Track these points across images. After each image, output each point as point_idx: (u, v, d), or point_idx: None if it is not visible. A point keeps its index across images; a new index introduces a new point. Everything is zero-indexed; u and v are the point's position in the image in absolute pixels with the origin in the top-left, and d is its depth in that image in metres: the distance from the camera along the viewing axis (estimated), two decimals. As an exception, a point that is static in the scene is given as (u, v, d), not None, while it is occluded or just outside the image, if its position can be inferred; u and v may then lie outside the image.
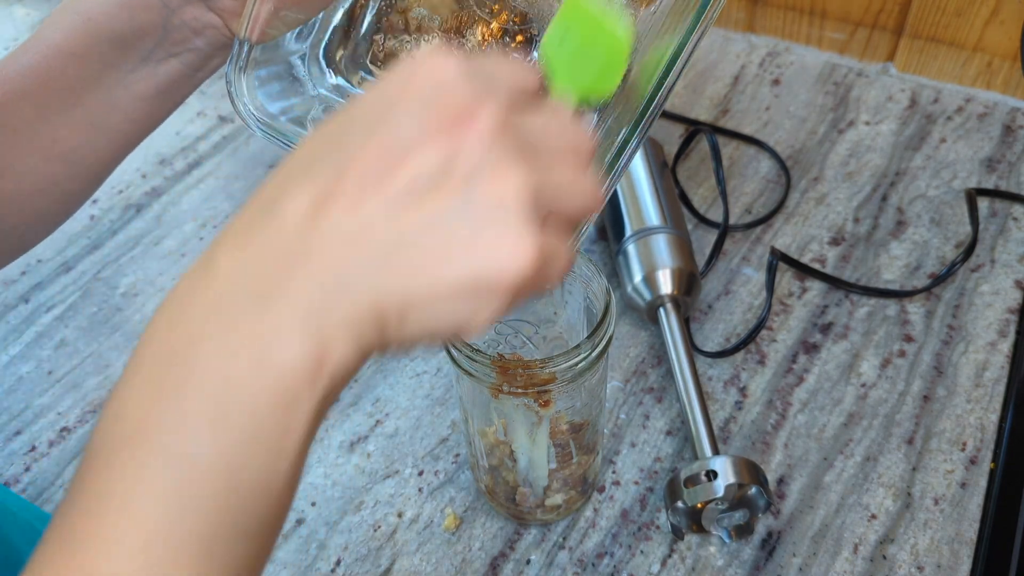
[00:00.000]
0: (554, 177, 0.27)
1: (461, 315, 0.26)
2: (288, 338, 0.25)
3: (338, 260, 0.26)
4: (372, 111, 0.27)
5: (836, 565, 0.51)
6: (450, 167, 0.25)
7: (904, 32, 0.81)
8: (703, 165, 0.75)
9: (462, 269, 0.25)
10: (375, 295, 0.26)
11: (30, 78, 0.41)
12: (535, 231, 0.26)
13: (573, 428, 0.49)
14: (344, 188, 0.26)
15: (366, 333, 0.26)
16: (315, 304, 0.25)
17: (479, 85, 0.26)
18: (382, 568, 0.52)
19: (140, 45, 0.42)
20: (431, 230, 0.25)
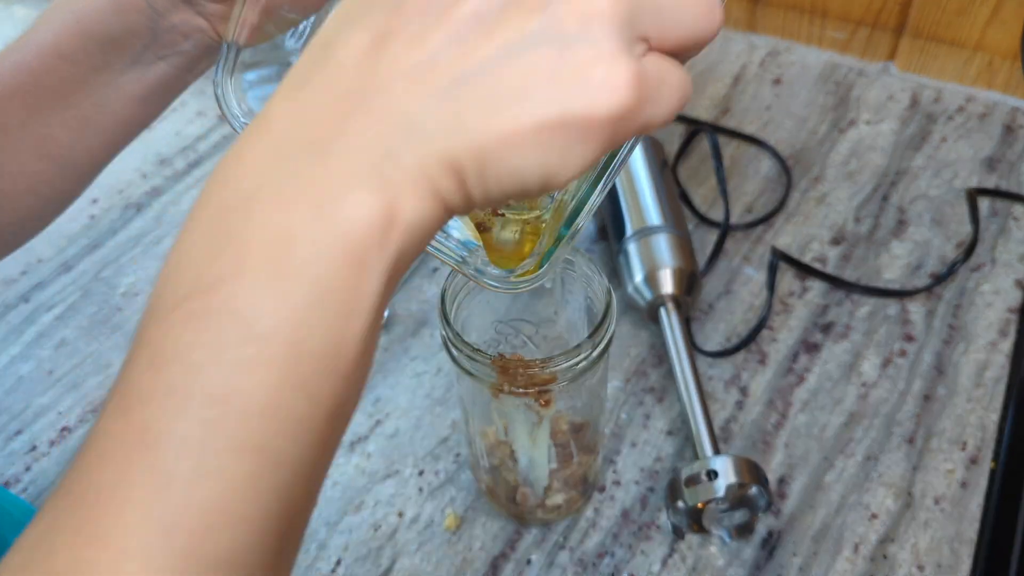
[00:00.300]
0: (659, 3, 0.23)
1: (550, 160, 0.23)
2: (352, 188, 0.23)
3: (402, 100, 0.23)
4: None
5: (837, 565, 0.51)
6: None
7: (905, 31, 0.81)
8: (704, 164, 0.75)
9: (546, 104, 0.22)
10: (447, 140, 0.23)
11: (20, 77, 0.41)
12: (633, 54, 0.22)
13: (574, 428, 0.49)
14: (405, 21, 0.23)
15: (442, 184, 0.23)
16: (379, 150, 0.23)
17: None
18: (382, 568, 0.52)
19: (129, 47, 0.42)
20: (506, 61, 0.22)
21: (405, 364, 0.62)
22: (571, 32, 0.22)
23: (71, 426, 0.60)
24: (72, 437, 0.60)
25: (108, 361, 0.64)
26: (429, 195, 0.23)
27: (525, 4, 0.22)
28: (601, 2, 0.22)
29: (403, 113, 0.23)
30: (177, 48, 0.43)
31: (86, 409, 0.61)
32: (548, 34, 0.22)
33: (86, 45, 0.41)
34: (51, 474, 0.58)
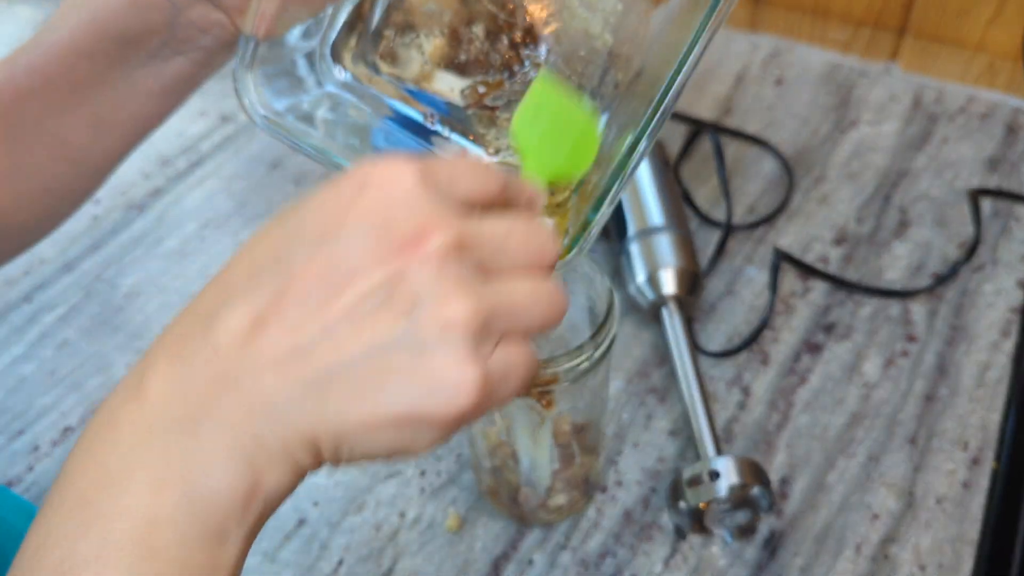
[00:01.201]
0: (510, 296, 0.26)
1: (398, 444, 0.26)
2: (218, 468, 0.25)
3: (271, 386, 0.25)
4: (319, 223, 0.26)
5: (838, 565, 0.51)
6: (395, 293, 0.24)
7: (907, 32, 0.81)
8: (706, 165, 0.75)
9: (399, 401, 0.25)
10: (308, 423, 0.25)
11: (37, 76, 0.41)
12: (480, 361, 0.25)
13: (576, 428, 0.49)
14: (283, 308, 0.25)
15: (300, 459, 0.26)
16: (246, 432, 0.25)
17: (432, 201, 0.25)
18: (384, 568, 0.52)
19: (147, 43, 0.42)
20: (369, 358, 0.25)
21: (407, 364, 0.62)
22: (430, 338, 0.24)
23: (73, 426, 0.60)
24: (74, 437, 0.60)
25: (110, 361, 0.64)
26: (289, 467, 0.26)
27: (394, 308, 0.24)
28: (459, 314, 0.24)
29: (270, 400, 0.25)
30: (195, 43, 0.42)
31: (88, 409, 0.61)
32: (410, 338, 0.24)
33: (102, 42, 0.41)
34: (53, 474, 0.58)
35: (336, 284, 0.25)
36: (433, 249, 0.25)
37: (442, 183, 0.26)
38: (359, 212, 0.25)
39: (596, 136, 0.35)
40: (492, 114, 0.41)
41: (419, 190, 0.25)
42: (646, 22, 0.38)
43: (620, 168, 0.36)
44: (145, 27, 0.41)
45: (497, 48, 0.40)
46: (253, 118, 0.39)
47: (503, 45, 0.40)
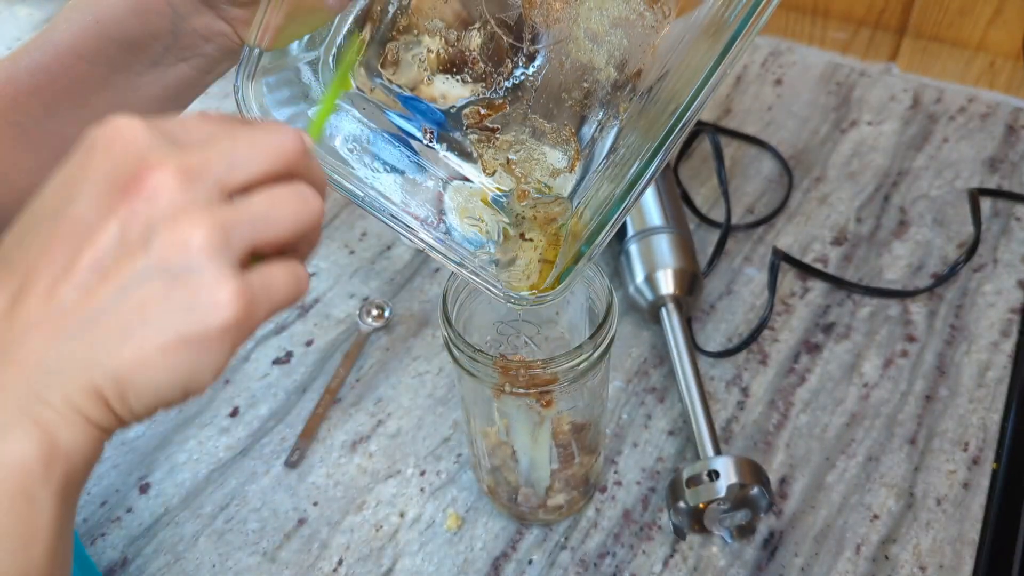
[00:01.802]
0: (251, 207, 0.27)
1: (181, 374, 0.26)
2: (8, 433, 0.25)
3: (39, 349, 0.26)
4: (56, 196, 0.27)
5: (838, 565, 0.51)
6: (130, 233, 0.26)
7: (907, 32, 0.81)
8: (705, 165, 0.75)
9: (163, 330, 0.26)
10: (84, 373, 0.26)
11: (39, 77, 0.41)
12: (231, 271, 0.26)
13: (575, 428, 0.49)
14: (36, 280, 0.26)
15: (91, 411, 0.26)
16: (29, 395, 0.26)
17: (153, 143, 0.26)
18: (384, 568, 0.52)
19: (149, 49, 0.42)
20: (124, 298, 0.26)
21: (407, 364, 0.62)
22: (174, 263, 0.26)
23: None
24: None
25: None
26: (81, 423, 0.26)
27: (133, 247, 0.26)
28: (194, 233, 0.25)
29: (41, 359, 0.26)
30: (198, 51, 0.42)
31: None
32: (155, 268, 0.26)
33: (105, 46, 0.41)
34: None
35: (77, 244, 0.26)
36: (156, 182, 0.26)
37: (171, 130, 0.27)
38: (87, 171, 0.26)
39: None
40: (491, 135, 0.41)
41: (141, 137, 0.26)
42: (652, 60, 0.38)
43: (614, 209, 0.36)
44: (148, 33, 0.41)
45: (499, 71, 0.40)
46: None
47: (505, 69, 0.40)
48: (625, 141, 0.39)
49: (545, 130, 0.40)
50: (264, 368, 0.62)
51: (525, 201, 0.41)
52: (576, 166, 0.40)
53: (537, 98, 0.40)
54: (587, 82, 0.39)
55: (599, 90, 0.39)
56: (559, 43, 0.39)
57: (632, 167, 0.36)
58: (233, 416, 0.60)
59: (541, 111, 0.40)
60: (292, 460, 0.57)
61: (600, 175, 0.40)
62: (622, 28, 0.38)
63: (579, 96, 0.39)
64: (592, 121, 0.40)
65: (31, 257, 0.26)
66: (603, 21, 0.38)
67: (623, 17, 0.37)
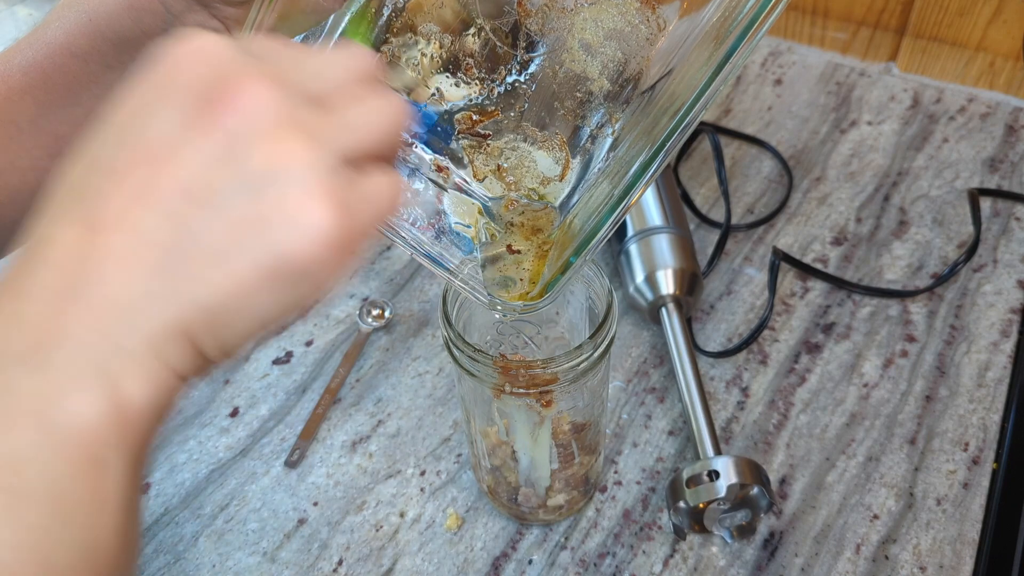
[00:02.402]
0: (341, 117, 0.25)
1: (279, 302, 0.24)
2: (75, 391, 0.22)
3: (119, 287, 0.23)
4: (132, 114, 0.24)
5: (838, 565, 0.51)
6: (218, 149, 0.23)
7: (907, 32, 0.81)
8: (705, 165, 0.75)
9: (257, 253, 0.23)
10: (172, 310, 0.23)
11: (32, 75, 0.41)
12: (327, 186, 0.23)
13: (575, 428, 0.49)
14: (111, 208, 0.23)
15: (174, 356, 0.24)
16: (101, 344, 0.23)
17: (236, 55, 0.24)
18: (384, 568, 0.52)
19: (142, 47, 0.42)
20: (215, 221, 0.23)
21: (407, 364, 0.62)
22: (267, 179, 0.23)
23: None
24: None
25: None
26: (161, 371, 0.23)
27: (222, 164, 0.23)
28: (287, 145, 0.23)
29: (121, 299, 0.23)
30: None
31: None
32: (247, 186, 0.23)
33: (99, 44, 0.41)
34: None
35: (158, 165, 0.23)
36: (245, 94, 0.23)
37: (249, 46, 0.26)
38: (168, 87, 0.24)
39: None
40: (482, 141, 0.41)
41: (225, 51, 0.24)
42: (647, 71, 0.38)
43: (603, 219, 0.36)
44: (141, 31, 0.41)
45: (493, 77, 0.40)
46: None
47: (498, 75, 0.40)
48: (619, 151, 0.39)
49: (537, 138, 0.40)
50: (264, 368, 0.62)
51: (513, 207, 0.41)
52: (567, 175, 0.40)
53: (530, 106, 0.40)
54: (580, 92, 0.39)
55: (592, 100, 0.39)
56: (553, 52, 0.39)
57: (630, 171, 0.36)
58: (233, 416, 0.60)
59: (534, 119, 0.40)
60: (292, 460, 0.57)
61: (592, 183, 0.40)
62: (616, 40, 0.38)
63: (572, 105, 0.39)
64: (584, 131, 0.40)
65: (105, 183, 0.23)
66: (598, 32, 0.38)
67: (618, 29, 0.37)
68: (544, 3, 0.38)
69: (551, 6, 0.38)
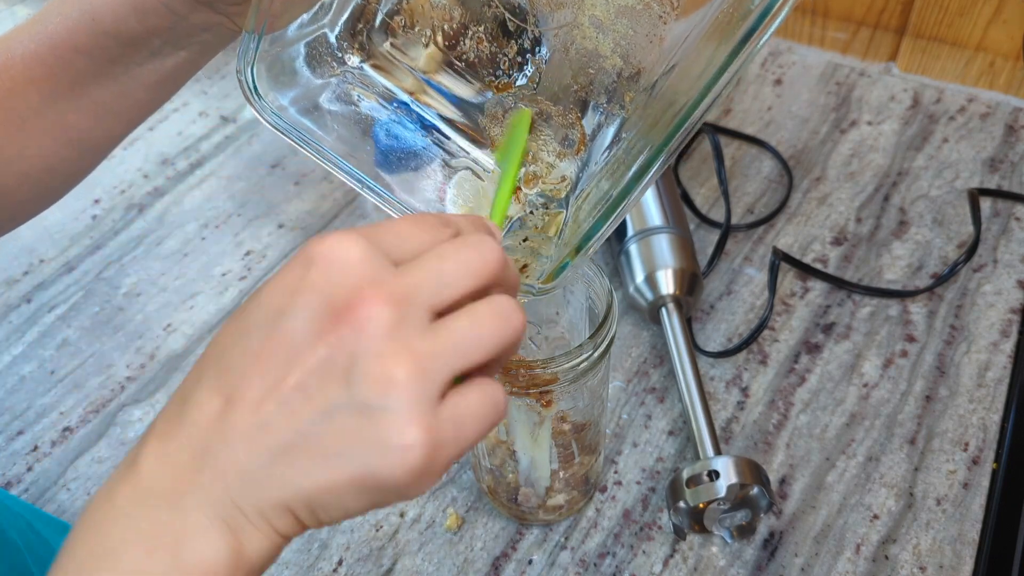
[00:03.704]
0: (454, 333, 0.27)
1: (367, 504, 0.27)
2: (203, 534, 0.26)
3: (242, 458, 0.26)
4: (273, 305, 0.27)
5: (838, 565, 0.51)
6: (336, 361, 0.26)
7: (906, 32, 0.81)
8: (705, 165, 0.75)
9: (353, 464, 0.26)
10: (279, 490, 0.26)
11: (36, 67, 0.41)
12: (423, 416, 0.25)
13: (575, 428, 0.49)
14: (246, 387, 0.26)
15: (279, 523, 0.27)
16: (225, 501, 0.26)
17: (370, 266, 0.26)
18: (384, 568, 0.52)
19: (147, 44, 0.42)
20: (323, 425, 0.26)
21: (407, 364, 0.62)
22: (373, 399, 0.25)
23: (73, 426, 0.60)
24: (74, 438, 0.60)
25: (110, 361, 0.64)
26: (269, 531, 0.27)
27: (336, 375, 0.26)
28: (395, 370, 0.25)
29: (242, 470, 0.26)
30: (196, 39, 0.43)
31: (88, 409, 0.61)
32: (354, 401, 0.26)
33: (103, 41, 0.41)
34: (53, 474, 0.58)
35: (287, 361, 0.26)
36: (367, 314, 0.26)
37: (388, 244, 0.28)
38: (305, 288, 0.27)
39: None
40: (500, 114, 0.41)
41: (360, 259, 0.26)
42: (659, 52, 0.38)
43: (612, 208, 0.36)
44: (146, 29, 0.41)
45: (502, 53, 0.40)
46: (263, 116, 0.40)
47: (509, 52, 0.40)
48: (627, 135, 0.39)
49: (551, 112, 0.40)
50: (264, 368, 0.62)
51: (533, 188, 0.41)
52: (582, 150, 0.40)
53: (543, 81, 0.40)
54: (593, 69, 0.39)
55: (605, 78, 0.39)
56: (564, 28, 0.39)
57: (632, 167, 0.36)
58: (233, 416, 0.60)
59: (547, 94, 0.40)
60: (292, 460, 0.57)
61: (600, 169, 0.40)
62: (628, 18, 0.37)
63: (584, 82, 0.39)
64: (598, 108, 0.40)
65: (244, 365, 0.27)
66: (608, 9, 0.37)
67: (628, 6, 0.37)
68: None
69: None
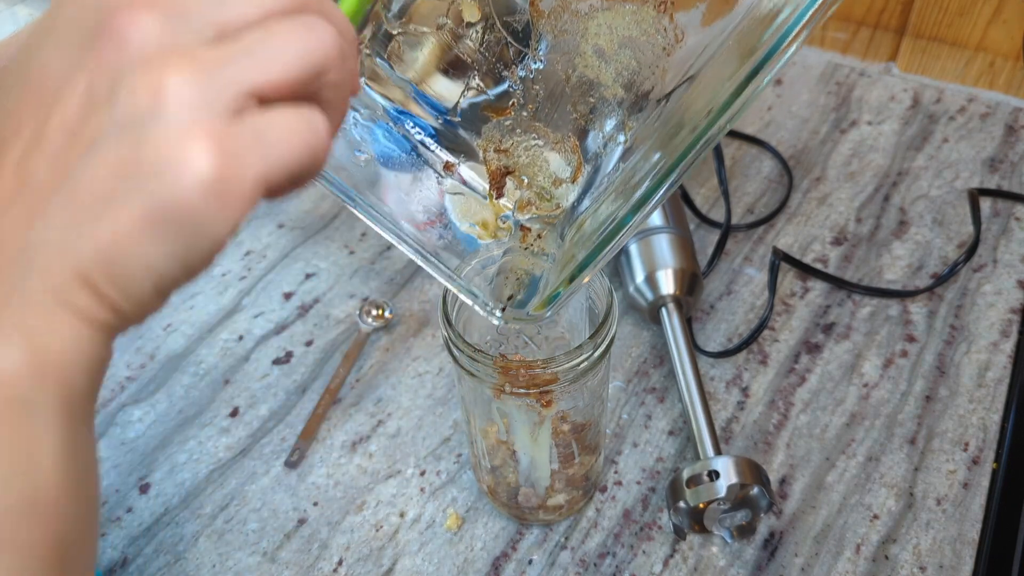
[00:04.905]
0: (244, 47, 0.22)
1: (171, 247, 0.22)
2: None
3: (15, 234, 0.22)
4: (26, 53, 0.23)
5: (838, 565, 0.51)
6: (98, 86, 0.21)
7: (906, 32, 0.81)
8: (705, 165, 0.75)
9: (137, 200, 0.21)
10: (67, 259, 0.22)
11: None
12: (208, 126, 0.21)
13: (575, 428, 0.49)
14: (5, 151, 0.23)
15: (82, 302, 0.22)
16: (8, 293, 0.22)
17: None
18: (384, 568, 0.52)
19: None
20: (93, 164, 0.21)
21: (407, 364, 0.62)
22: (144, 114, 0.21)
23: (73, 426, 0.60)
24: (74, 437, 0.60)
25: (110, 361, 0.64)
26: (72, 319, 0.22)
27: (98, 101, 0.21)
28: (167, 80, 0.21)
29: (18, 249, 0.22)
30: None
31: (88, 409, 0.61)
32: (125, 124, 0.21)
33: None
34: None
35: (46, 105, 0.22)
36: (128, 24, 0.21)
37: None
38: (56, 22, 0.23)
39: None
40: (498, 138, 0.41)
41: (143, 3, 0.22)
42: (664, 81, 0.37)
43: (615, 231, 0.35)
44: None
45: (505, 75, 0.40)
46: None
47: (511, 73, 0.40)
48: (625, 164, 0.39)
49: (550, 138, 0.40)
50: (264, 368, 0.62)
51: (527, 214, 0.41)
52: (579, 177, 0.40)
53: (542, 107, 0.40)
54: (593, 97, 0.39)
55: (605, 107, 0.39)
56: (566, 55, 0.38)
57: (631, 198, 0.35)
58: (233, 416, 0.60)
59: (546, 120, 0.40)
60: (292, 460, 0.57)
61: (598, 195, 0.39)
62: (631, 48, 0.37)
63: (584, 110, 0.39)
64: (597, 137, 0.39)
65: (4, 128, 0.23)
66: (612, 39, 0.37)
67: (633, 37, 0.37)
68: (557, 4, 0.37)
69: (564, 7, 0.38)
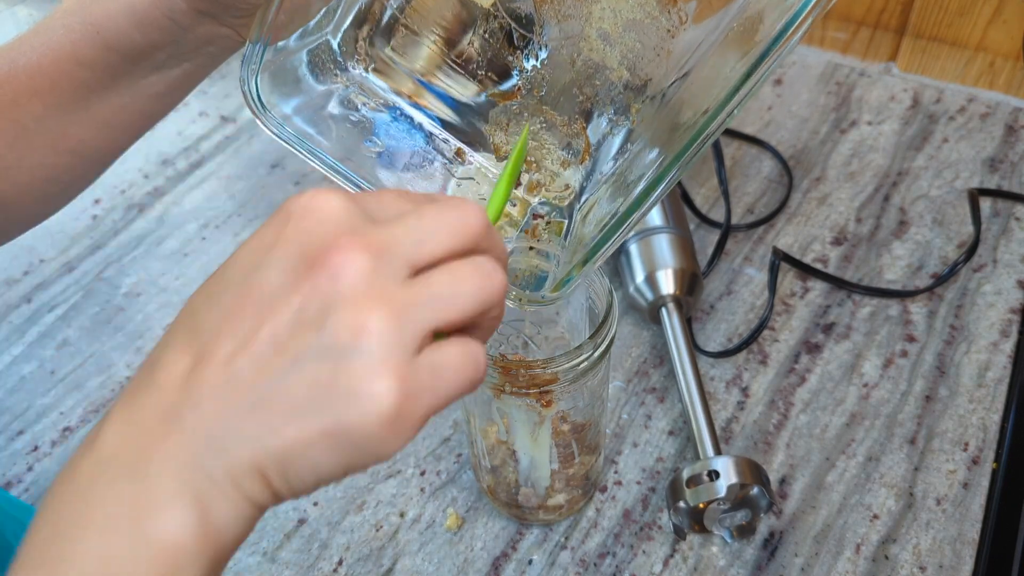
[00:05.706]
0: (431, 287, 0.26)
1: (342, 458, 0.25)
2: (166, 505, 0.25)
3: (210, 420, 0.25)
4: (248, 262, 0.27)
5: (838, 565, 0.51)
6: (309, 310, 0.25)
7: (906, 32, 0.81)
8: (705, 165, 0.75)
9: (324, 416, 0.25)
10: (250, 449, 0.25)
11: (39, 80, 0.41)
12: (397, 365, 0.24)
13: (575, 428, 0.49)
14: (216, 344, 0.26)
15: (251, 488, 0.26)
16: (192, 467, 0.25)
17: (347, 219, 0.26)
18: (384, 568, 0.52)
19: (153, 57, 0.42)
20: (294, 376, 0.25)
21: (407, 364, 0.62)
22: (345, 347, 0.24)
23: (73, 426, 0.60)
24: (74, 437, 0.60)
25: (110, 361, 0.64)
26: (239, 498, 0.26)
27: (309, 324, 0.25)
28: (369, 317, 0.24)
29: (211, 431, 0.25)
30: (201, 51, 0.43)
31: (88, 409, 0.61)
32: (326, 350, 0.25)
33: (106, 55, 0.41)
34: (53, 474, 0.58)
35: (260, 314, 0.25)
36: (342, 261, 0.25)
37: (369, 205, 0.27)
38: (279, 242, 0.26)
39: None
40: (505, 122, 0.41)
41: (336, 213, 0.26)
42: (667, 64, 0.38)
43: (624, 218, 0.35)
44: (150, 44, 0.41)
45: (511, 61, 0.40)
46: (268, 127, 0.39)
47: (515, 62, 0.40)
48: (633, 146, 0.39)
49: (556, 122, 0.40)
50: (264, 368, 0.62)
51: (536, 195, 0.41)
52: (586, 159, 0.40)
53: (548, 91, 0.40)
54: (599, 80, 0.39)
55: (611, 89, 0.39)
56: (571, 39, 0.38)
57: (641, 182, 0.35)
58: (233, 416, 0.60)
59: (552, 104, 0.40)
60: (292, 460, 0.57)
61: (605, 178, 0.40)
62: (635, 31, 0.37)
63: (590, 93, 0.39)
64: (603, 119, 0.40)
65: (216, 322, 0.26)
66: (616, 22, 0.37)
67: (636, 20, 0.37)
68: None
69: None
